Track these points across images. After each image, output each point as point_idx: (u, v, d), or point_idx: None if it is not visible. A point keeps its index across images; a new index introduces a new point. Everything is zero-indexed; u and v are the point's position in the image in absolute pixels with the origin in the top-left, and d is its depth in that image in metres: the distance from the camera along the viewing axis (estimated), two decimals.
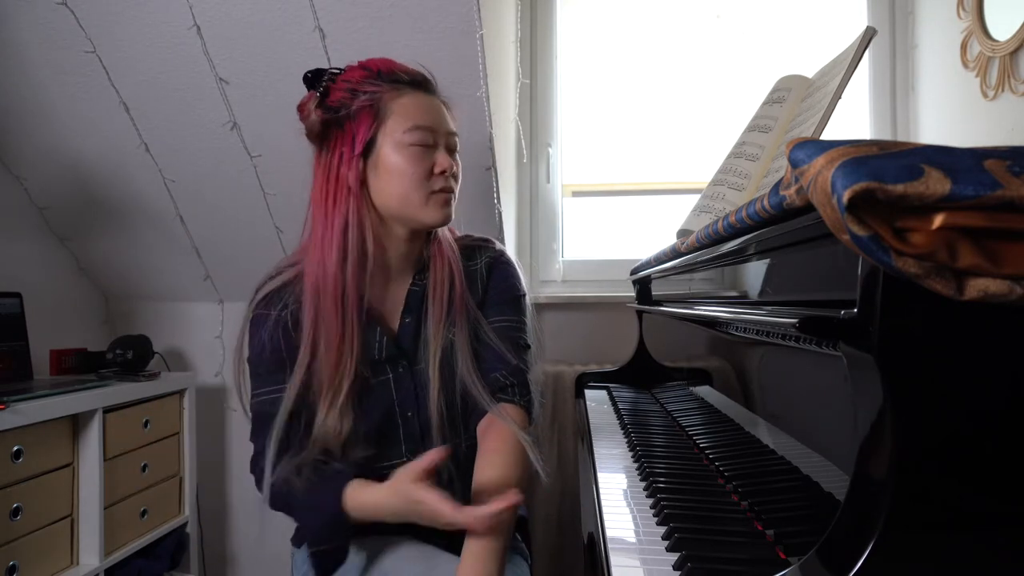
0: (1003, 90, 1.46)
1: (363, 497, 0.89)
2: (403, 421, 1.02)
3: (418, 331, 1.04)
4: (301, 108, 0.99)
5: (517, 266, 1.13)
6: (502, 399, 1.02)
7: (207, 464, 2.03)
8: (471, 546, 0.86)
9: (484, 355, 1.04)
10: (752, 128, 1.14)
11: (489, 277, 1.09)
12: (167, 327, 2.09)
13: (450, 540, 0.95)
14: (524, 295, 1.12)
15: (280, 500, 0.95)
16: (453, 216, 1.02)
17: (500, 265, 1.11)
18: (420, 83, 1.01)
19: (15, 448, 1.32)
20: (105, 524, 1.51)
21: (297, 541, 1.08)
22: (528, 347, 1.08)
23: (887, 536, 0.44)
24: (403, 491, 0.85)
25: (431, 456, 0.85)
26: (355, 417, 0.97)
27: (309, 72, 1.00)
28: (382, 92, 0.97)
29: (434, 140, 0.99)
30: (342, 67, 1.01)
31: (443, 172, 0.99)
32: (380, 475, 0.90)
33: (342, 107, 0.96)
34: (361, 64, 1.00)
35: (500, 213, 1.65)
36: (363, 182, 0.97)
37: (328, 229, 0.96)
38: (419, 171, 0.97)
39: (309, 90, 1.00)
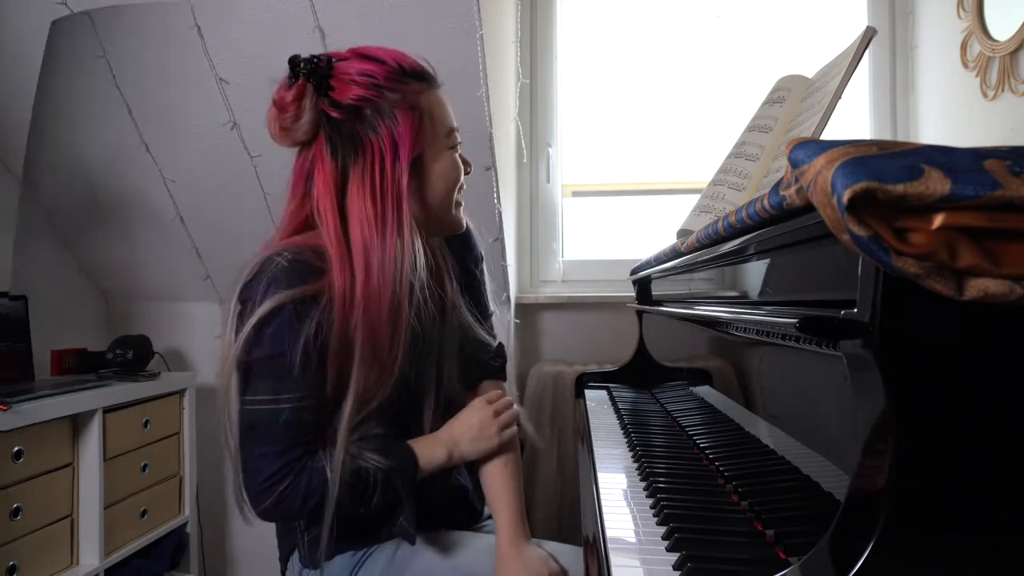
0: (1003, 90, 1.46)
1: (421, 443, 0.95)
2: (426, 408, 1.01)
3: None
4: (288, 104, 0.87)
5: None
6: (497, 377, 1.12)
7: (207, 464, 2.03)
8: (488, 468, 1.01)
9: (473, 341, 1.06)
10: (752, 128, 1.14)
11: (463, 245, 1.10)
12: (167, 327, 2.09)
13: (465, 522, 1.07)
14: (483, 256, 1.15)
15: (357, 489, 0.88)
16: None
17: (468, 229, 1.10)
18: (435, 79, 0.94)
19: (15, 448, 1.32)
20: (105, 524, 1.51)
21: (313, 560, 0.98)
22: (492, 313, 1.13)
23: (887, 536, 0.44)
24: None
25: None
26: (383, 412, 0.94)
27: (300, 58, 0.87)
28: (416, 91, 0.89)
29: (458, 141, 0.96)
30: (324, 54, 0.89)
31: (467, 173, 0.98)
32: None
33: (366, 106, 0.86)
34: (361, 53, 0.89)
35: (500, 213, 1.65)
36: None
37: (383, 251, 0.85)
38: (457, 176, 0.94)
39: (299, 79, 0.87)
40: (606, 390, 1.61)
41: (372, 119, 0.86)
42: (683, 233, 1.11)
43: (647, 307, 1.52)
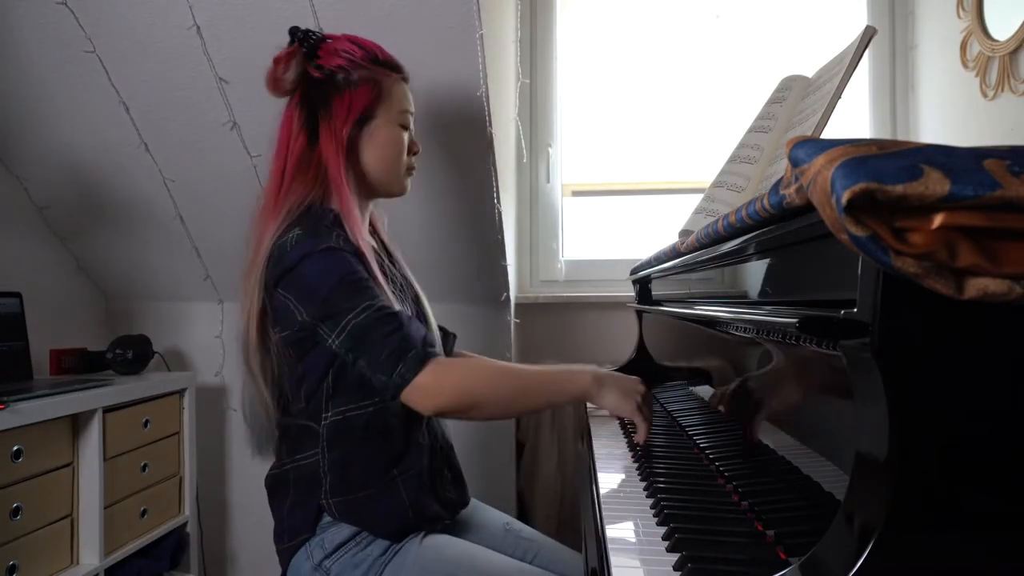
0: (1003, 90, 1.46)
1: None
2: None
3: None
4: (281, 60, 1.08)
5: None
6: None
7: (207, 464, 2.03)
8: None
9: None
10: (753, 129, 1.14)
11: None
12: (167, 327, 2.09)
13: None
14: None
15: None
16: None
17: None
18: (403, 72, 1.15)
19: (15, 448, 1.32)
20: (105, 524, 1.51)
21: (354, 512, 0.99)
22: None
23: (887, 536, 0.44)
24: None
25: None
26: None
27: (299, 29, 1.11)
28: (383, 74, 1.10)
29: (410, 123, 1.16)
30: (321, 32, 1.12)
31: (417, 152, 1.17)
32: None
33: (340, 73, 1.07)
34: (351, 39, 1.11)
35: (500, 213, 1.65)
36: (351, 146, 1.09)
37: (342, 178, 1.05)
38: (403, 146, 1.13)
39: (295, 43, 1.09)
40: None
41: (342, 85, 1.07)
42: (685, 233, 1.11)
43: (647, 307, 1.52)
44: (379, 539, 0.98)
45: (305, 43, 1.09)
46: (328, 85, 1.07)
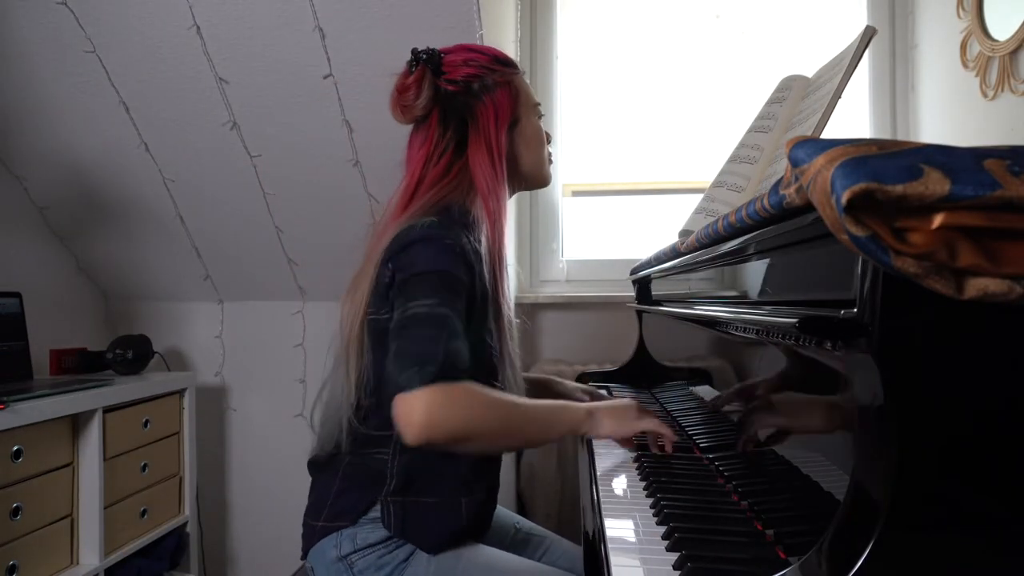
0: (1003, 90, 1.46)
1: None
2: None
3: None
4: (408, 87, 1.04)
5: None
6: None
7: (207, 464, 2.03)
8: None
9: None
10: (753, 129, 1.15)
11: None
12: (167, 327, 2.09)
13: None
14: None
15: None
16: None
17: None
18: (519, 66, 1.13)
19: (15, 448, 1.32)
20: (105, 524, 1.51)
21: (405, 527, 0.96)
22: None
23: (887, 536, 0.44)
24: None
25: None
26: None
27: (418, 49, 1.07)
28: (511, 74, 1.09)
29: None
30: (435, 48, 1.09)
31: (551, 140, 1.18)
32: None
33: (475, 82, 1.06)
34: (464, 47, 1.10)
35: None
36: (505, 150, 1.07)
37: (497, 185, 1.04)
38: (543, 139, 1.15)
39: (419, 65, 1.05)
40: (606, 390, 1.61)
41: (479, 93, 1.06)
42: (685, 233, 1.11)
43: (647, 307, 1.52)
44: (408, 544, 0.96)
45: (430, 62, 1.06)
46: (466, 95, 1.06)
